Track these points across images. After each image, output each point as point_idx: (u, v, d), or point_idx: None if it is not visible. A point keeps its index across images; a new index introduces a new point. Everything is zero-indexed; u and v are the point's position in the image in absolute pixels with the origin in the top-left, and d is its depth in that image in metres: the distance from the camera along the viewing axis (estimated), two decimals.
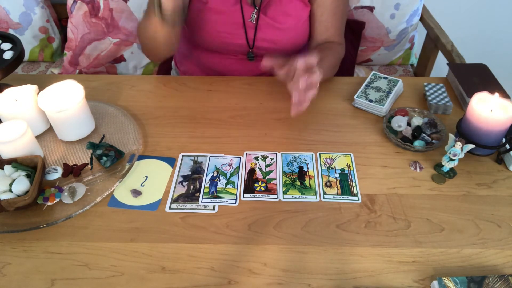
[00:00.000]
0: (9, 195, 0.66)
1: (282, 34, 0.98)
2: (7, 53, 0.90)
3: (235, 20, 0.97)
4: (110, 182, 0.74)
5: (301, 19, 0.98)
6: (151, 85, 1.01)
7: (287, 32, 0.98)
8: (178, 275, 0.61)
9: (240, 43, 0.99)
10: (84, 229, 0.67)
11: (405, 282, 0.59)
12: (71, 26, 1.43)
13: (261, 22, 0.97)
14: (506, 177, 0.76)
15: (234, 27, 0.97)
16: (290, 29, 0.98)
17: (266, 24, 0.97)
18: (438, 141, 0.81)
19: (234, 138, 0.85)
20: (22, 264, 0.63)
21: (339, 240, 0.65)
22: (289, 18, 0.97)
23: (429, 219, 0.68)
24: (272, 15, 0.97)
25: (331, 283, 0.60)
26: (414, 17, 1.44)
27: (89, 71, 1.48)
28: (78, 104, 0.79)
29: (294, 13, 0.97)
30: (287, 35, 0.99)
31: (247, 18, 0.97)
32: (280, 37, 0.99)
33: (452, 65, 0.99)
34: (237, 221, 0.68)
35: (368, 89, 0.93)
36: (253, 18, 0.97)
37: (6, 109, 0.79)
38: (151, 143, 0.84)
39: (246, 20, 0.97)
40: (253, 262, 0.62)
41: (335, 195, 0.72)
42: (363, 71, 1.53)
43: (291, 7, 0.96)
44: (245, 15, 0.96)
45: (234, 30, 0.98)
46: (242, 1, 0.96)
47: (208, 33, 0.98)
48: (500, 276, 0.58)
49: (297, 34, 1.00)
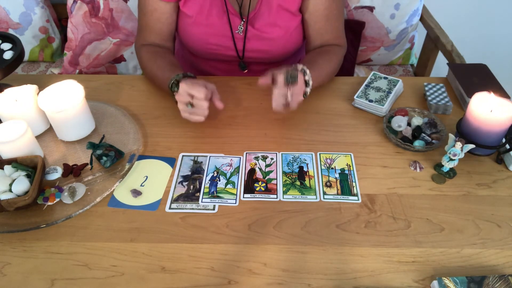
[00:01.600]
0: (9, 195, 0.66)
1: (271, 44, 0.98)
2: (7, 53, 0.90)
3: (223, 33, 0.97)
4: (110, 182, 0.74)
5: (289, 29, 0.97)
6: (151, 85, 1.01)
7: (276, 42, 0.98)
8: (178, 275, 0.61)
9: (230, 54, 1.00)
10: (84, 229, 0.67)
11: (405, 282, 0.60)
12: (71, 26, 1.43)
13: (249, 34, 0.97)
14: (506, 177, 0.76)
15: (223, 40, 0.97)
16: (278, 39, 0.97)
17: (254, 35, 0.97)
18: (438, 141, 0.81)
19: (234, 138, 0.85)
20: (22, 264, 0.63)
21: (339, 240, 0.65)
22: (276, 28, 0.96)
23: (429, 219, 0.68)
24: (259, 26, 0.96)
25: (331, 283, 0.60)
26: (414, 17, 1.44)
27: (89, 71, 1.48)
28: (78, 104, 0.79)
29: (281, 24, 0.96)
30: (276, 45, 0.98)
31: (234, 29, 0.96)
32: (270, 47, 0.99)
33: (452, 65, 0.99)
34: (237, 221, 0.68)
35: (368, 89, 0.93)
36: (240, 30, 0.96)
37: (6, 109, 0.79)
38: (151, 143, 0.84)
39: (234, 32, 0.96)
40: (253, 262, 0.62)
41: (335, 195, 0.72)
42: (363, 71, 1.53)
43: (278, 18, 0.95)
44: (232, 27, 0.96)
45: (223, 43, 0.98)
46: (229, 13, 0.95)
47: (199, 46, 0.99)
48: (500, 276, 0.58)
49: (287, 43, 0.99)
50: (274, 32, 0.96)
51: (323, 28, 0.97)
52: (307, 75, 0.83)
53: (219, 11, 0.95)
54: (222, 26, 0.96)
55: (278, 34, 0.96)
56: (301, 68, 0.82)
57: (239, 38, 0.97)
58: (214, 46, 0.98)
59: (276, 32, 0.96)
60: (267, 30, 0.96)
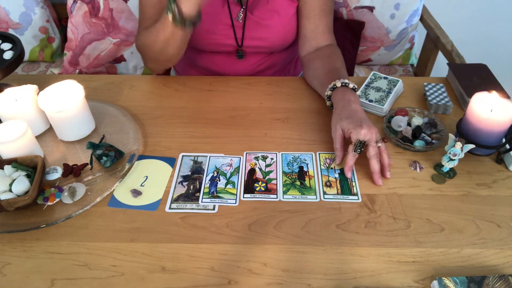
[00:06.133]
0: (9, 195, 0.66)
1: (270, 31, 0.99)
2: (7, 53, 0.90)
3: (223, 21, 0.97)
4: (110, 182, 0.74)
5: (287, 15, 0.98)
6: (151, 85, 1.01)
7: (275, 29, 0.99)
8: (178, 275, 0.61)
9: (229, 43, 1.00)
10: (84, 229, 0.67)
11: (405, 282, 0.59)
12: (71, 26, 1.43)
13: (248, 21, 0.97)
14: (506, 177, 0.76)
15: (222, 28, 0.98)
16: (277, 26, 0.98)
17: (253, 22, 0.97)
18: (438, 141, 0.81)
19: (234, 138, 0.85)
20: (22, 264, 0.63)
21: (339, 240, 0.65)
22: (275, 15, 0.97)
23: (429, 219, 0.68)
24: (258, 13, 0.97)
25: (331, 283, 0.60)
26: (414, 17, 1.44)
27: (89, 71, 1.48)
28: (78, 104, 0.79)
29: (280, 10, 0.97)
30: (275, 32, 0.99)
31: (233, 17, 0.97)
32: (268, 35, 0.99)
33: (452, 65, 0.99)
34: (237, 221, 0.68)
35: (368, 89, 0.93)
36: (240, 17, 0.97)
37: (6, 109, 0.79)
38: (151, 143, 0.84)
39: (234, 19, 0.97)
40: (253, 262, 0.62)
41: (335, 195, 0.72)
42: (363, 71, 1.53)
43: (277, 4, 0.96)
44: (232, 15, 0.96)
45: (222, 31, 0.98)
46: (229, 1, 0.96)
47: (198, 34, 0.98)
48: (500, 276, 0.58)
49: (285, 30, 1.00)
50: (273, 18, 0.97)
51: (317, 18, 0.97)
52: (349, 84, 0.84)
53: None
54: (223, 14, 0.96)
55: (277, 20, 0.97)
56: (343, 83, 0.84)
57: (239, 26, 0.98)
58: (213, 34, 0.98)
59: (274, 18, 0.97)
60: (266, 17, 0.97)
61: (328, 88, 0.85)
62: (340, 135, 0.77)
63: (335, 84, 0.84)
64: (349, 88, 0.84)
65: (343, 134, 0.77)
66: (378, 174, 0.73)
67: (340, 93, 0.83)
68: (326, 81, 0.88)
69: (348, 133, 0.76)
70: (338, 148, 0.78)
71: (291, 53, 1.11)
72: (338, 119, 0.79)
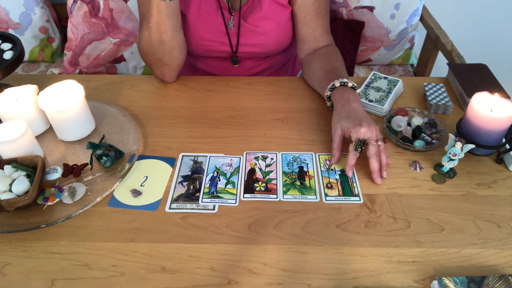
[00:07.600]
0: (9, 195, 0.66)
1: (264, 38, 0.99)
2: (7, 53, 0.90)
3: (218, 28, 0.97)
4: (110, 182, 0.74)
5: (281, 22, 0.97)
6: (151, 85, 1.01)
7: (269, 36, 0.99)
8: (178, 275, 0.61)
9: (224, 49, 1.00)
10: (84, 229, 0.67)
11: (405, 282, 0.59)
12: (71, 26, 1.43)
13: (242, 28, 0.97)
14: (506, 177, 0.76)
15: (218, 35, 0.98)
16: (271, 32, 0.98)
17: (247, 30, 0.97)
18: (438, 141, 0.81)
19: (234, 138, 0.85)
20: (22, 264, 0.63)
21: (339, 240, 0.65)
22: (269, 21, 0.97)
23: (429, 219, 0.68)
24: (252, 21, 0.97)
25: (331, 283, 0.60)
26: (414, 17, 1.44)
27: (89, 71, 1.48)
28: (78, 104, 0.79)
29: (274, 17, 0.97)
30: (269, 38, 0.99)
31: (227, 25, 0.97)
32: (263, 41, 0.99)
33: (452, 65, 0.99)
34: (237, 221, 0.68)
35: (368, 89, 0.93)
36: (231, 24, 0.97)
37: (6, 109, 0.79)
38: (151, 143, 0.84)
39: (227, 27, 0.97)
40: (253, 262, 0.62)
41: (337, 196, 0.72)
42: (363, 71, 1.53)
43: (270, 11, 0.96)
44: (226, 22, 0.97)
45: (217, 38, 0.98)
46: (223, 8, 0.96)
47: (193, 41, 0.98)
48: (500, 276, 0.58)
49: (280, 36, 1.00)
50: (267, 25, 0.97)
51: (313, 21, 0.97)
52: (348, 83, 0.84)
53: (211, 6, 0.96)
54: (217, 21, 0.97)
55: (271, 27, 0.97)
56: (343, 83, 0.84)
57: (233, 33, 0.98)
58: (208, 41, 0.99)
59: (268, 25, 0.97)
60: (259, 24, 0.97)
61: (328, 89, 0.85)
62: (339, 135, 0.77)
63: (334, 84, 0.84)
64: (348, 87, 0.84)
65: (342, 134, 0.77)
66: (377, 173, 0.73)
67: (339, 92, 0.83)
68: (325, 82, 0.88)
69: (347, 133, 0.76)
70: (335, 147, 0.78)
71: (287, 54, 1.11)
72: (337, 118, 0.79)
